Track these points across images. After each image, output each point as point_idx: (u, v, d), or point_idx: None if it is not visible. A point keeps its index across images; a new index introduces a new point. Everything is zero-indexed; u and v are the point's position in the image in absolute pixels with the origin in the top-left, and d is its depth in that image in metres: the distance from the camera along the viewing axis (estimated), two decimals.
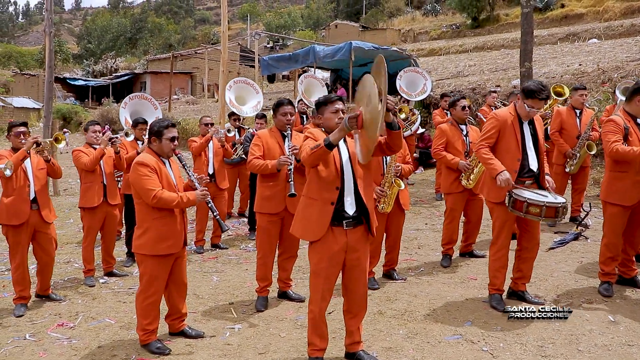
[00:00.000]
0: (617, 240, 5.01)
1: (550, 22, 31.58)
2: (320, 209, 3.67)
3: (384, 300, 5.11)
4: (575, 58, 17.03)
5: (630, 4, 28.89)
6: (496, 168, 4.53)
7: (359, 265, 3.80)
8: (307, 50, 17.73)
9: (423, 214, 8.59)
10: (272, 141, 5.12)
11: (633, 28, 23.52)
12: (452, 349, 4.07)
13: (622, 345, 4.06)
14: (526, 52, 11.11)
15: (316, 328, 3.81)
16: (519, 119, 4.68)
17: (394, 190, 5.29)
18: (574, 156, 7.17)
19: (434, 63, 22.97)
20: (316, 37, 48.97)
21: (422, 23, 42.66)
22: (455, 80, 16.44)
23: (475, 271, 5.84)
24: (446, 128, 6.21)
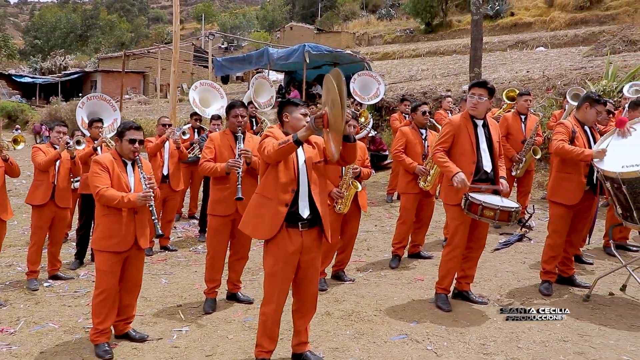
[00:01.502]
0: (560, 240, 5.22)
1: (500, 30, 32.40)
2: (274, 209, 3.67)
3: (332, 301, 5.15)
4: (524, 65, 17.54)
5: (574, 15, 29.96)
6: (452, 170, 4.66)
7: (313, 266, 3.84)
8: (260, 52, 17.68)
9: (373, 215, 8.69)
10: (224, 143, 5.10)
11: (576, 38, 24.42)
12: (398, 348, 4.14)
13: (558, 341, 4.22)
14: (476, 58, 11.40)
15: (267, 330, 3.81)
16: (473, 123, 4.81)
17: (351, 192, 5.35)
18: (520, 160, 7.39)
19: (388, 67, 23.28)
20: (271, 39, 48.84)
21: (377, 27, 43.08)
22: (408, 84, 16.68)
23: (422, 272, 5.95)
24: (407, 131, 6.36)
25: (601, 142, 5.07)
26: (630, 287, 5.26)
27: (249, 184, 4.91)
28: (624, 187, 4.65)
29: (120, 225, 4.22)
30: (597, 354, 3.99)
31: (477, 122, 4.82)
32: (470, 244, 4.94)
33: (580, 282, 5.42)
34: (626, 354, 4.00)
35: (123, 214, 4.24)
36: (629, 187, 4.61)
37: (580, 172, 5.05)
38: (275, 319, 3.81)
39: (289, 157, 3.67)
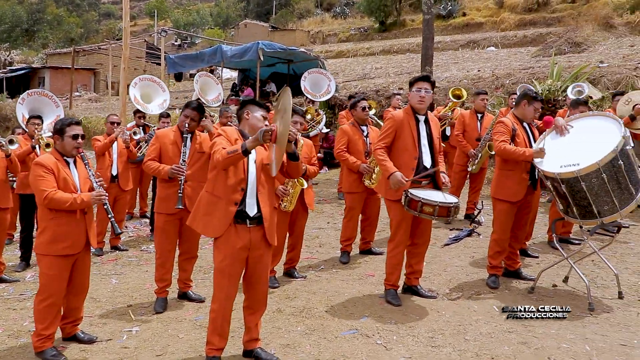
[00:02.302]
0: (505, 235, 5.37)
1: (452, 29, 32.88)
2: (224, 208, 3.69)
3: (283, 298, 5.17)
4: (475, 64, 17.90)
5: (523, 16, 30.69)
6: (389, 169, 4.70)
7: (261, 262, 3.85)
8: (214, 49, 17.51)
9: (326, 212, 8.74)
10: (170, 141, 5.05)
11: (525, 39, 25.04)
12: (348, 343, 4.19)
13: (504, 332, 4.36)
14: (427, 57, 11.58)
15: (217, 327, 3.80)
16: (415, 118, 4.86)
17: (296, 189, 5.36)
18: (476, 156, 7.58)
19: (342, 65, 23.37)
20: (225, 36, 48.39)
21: (331, 25, 43.15)
22: (362, 82, 16.79)
23: (373, 268, 6.03)
24: (347, 129, 6.35)
25: (541, 141, 5.25)
26: (572, 278, 5.47)
27: (197, 180, 4.90)
28: (563, 187, 4.82)
29: (70, 227, 4.11)
30: (539, 343, 4.14)
31: (419, 117, 4.88)
32: (415, 240, 5.03)
33: (526, 275, 5.60)
34: (566, 342, 4.17)
35: (74, 215, 4.13)
36: (568, 186, 4.78)
37: (522, 169, 5.21)
38: (225, 316, 3.82)
39: None
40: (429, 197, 4.59)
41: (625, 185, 4.70)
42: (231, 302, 3.84)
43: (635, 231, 7.48)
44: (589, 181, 4.66)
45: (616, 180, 4.66)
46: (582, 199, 4.76)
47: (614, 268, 5.34)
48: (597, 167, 4.59)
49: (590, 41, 18.87)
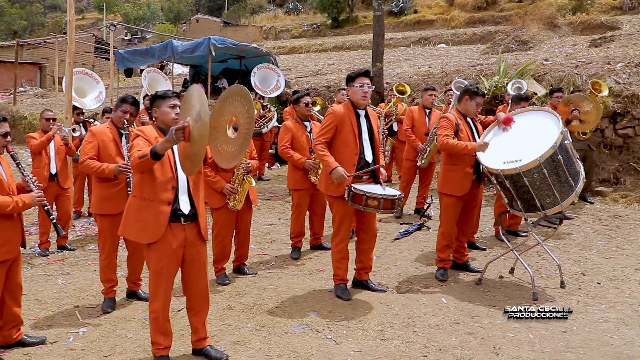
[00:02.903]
0: (452, 229, 5.47)
1: (404, 26, 33.29)
2: (156, 210, 3.58)
3: (233, 295, 5.14)
4: (426, 60, 18.16)
5: (473, 15, 31.38)
6: (330, 164, 4.69)
7: (198, 260, 3.79)
8: (164, 44, 17.19)
9: (277, 209, 8.73)
10: (109, 139, 4.88)
11: (475, 36, 25.57)
12: (298, 338, 4.19)
13: (452, 323, 4.44)
14: (378, 53, 11.66)
15: (159, 327, 3.74)
16: (355, 113, 4.87)
17: (245, 187, 5.32)
18: (425, 151, 7.68)
19: (295, 61, 23.36)
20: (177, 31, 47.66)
21: (284, 21, 43.10)
22: (314, 79, 16.83)
23: (323, 263, 6.05)
24: (291, 125, 6.31)
25: (485, 135, 5.37)
26: (518, 269, 5.62)
27: None
28: (506, 182, 4.94)
29: (9, 231, 3.95)
30: (485, 333, 4.24)
31: (360, 112, 4.88)
32: (362, 235, 5.06)
33: (473, 267, 5.72)
34: (511, 331, 4.29)
35: (11, 218, 3.96)
36: (511, 181, 4.92)
37: (466, 163, 5.31)
38: (165, 315, 3.75)
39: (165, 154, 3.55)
40: (373, 190, 4.62)
41: (565, 179, 4.87)
42: (169, 301, 3.78)
43: (577, 222, 7.76)
44: (530, 176, 4.80)
45: (556, 174, 4.82)
46: (525, 193, 4.91)
47: (557, 258, 5.51)
48: (538, 163, 4.73)
49: (536, 40, 19.41)
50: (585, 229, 7.44)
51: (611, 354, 3.92)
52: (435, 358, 3.87)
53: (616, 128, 9.44)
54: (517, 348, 4.01)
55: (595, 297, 5.04)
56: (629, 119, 9.35)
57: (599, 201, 8.88)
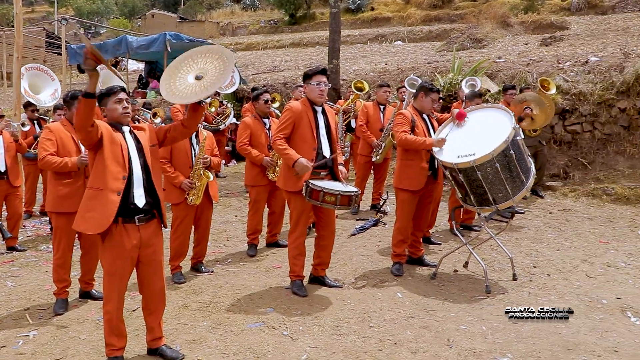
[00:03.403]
0: (408, 223, 5.54)
1: (361, 23, 33.46)
2: (105, 199, 3.49)
3: (189, 293, 5.09)
4: (383, 57, 18.29)
5: (429, 12, 31.78)
6: (292, 157, 4.72)
7: (154, 260, 3.74)
8: (118, 40, 16.84)
9: (233, 206, 8.68)
10: (66, 135, 4.79)
11: (430, 34, 25.89)
12: (255, 336, 4.18)
13: (407, 317, 4.50)
14: (334, 50, 11.69)
15: (113, 328, 3.67)
16: (313, 110, 4.91)
17: (202, 182, 5.28)
18: (379, 146, 7.75)
19: (252, 57, 23.23)
20: (131, 27, 46.79)
21: (241, 17, 42.79)
22: (271, 75, 16.77)
23: (280, 260, 6.04)
24: (250, 122, 6.30)
25: (440, 131, 5.46)
26: (471, 263, 5.73)
27: None
28: (460, 176, 5.03)
29: None
30: (439, 327, 4.30)
31: (317, 109, 4.93)
32: (321, 231, 5.08)
33: (428, 261, 5.80)
34: (464, 323, 4.36)
35: None
36: (465, 175, 5.01)
37: (422, 159, 5.39)
38: (119, 316, 3.69)
39: (116, 142, 3.53)
40: (330, 186, 4.65)
41: (517, 174, 4.99)
42: (123, 302, 3.73)
43: (529, 216, 7.96)
44: (483, 170, 4.89)
45: (508, 169, 4.94)
46: (478, 187, 5.00)
47: (509, 252, 5.64)
48: (491, 157, 4.83)
49: (490, 38, 19.79)
50: (536, 223, 7.64)
51: (559, 342, 4.04)
52: (391, 352, 3.91)
53: (565, 125, 9.72)
54: (470, 340, 4.08)
55: (545, 289, 5.18)
56: (576, 115, 9.64)
57: (550, 195, 9.13)
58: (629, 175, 9.04)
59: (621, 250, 6.42)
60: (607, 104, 9.43)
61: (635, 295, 5.01)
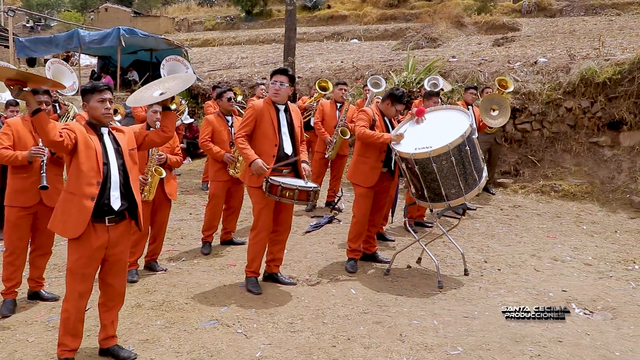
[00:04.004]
0: (364, 218, 5.62)
1: (318, 21, 33.46)
2: (79, 205, 3.48)
3: (142, 292, 5.02)
4: (339, 55, 18.35)
5: (385, 11, 32.01)
6: (250, 157, 4.78)
7: (120, 260, 3.73)
8: (70, 34, 16.39)
9: (188, 204, 8.58)
10: (24, 130, 4.68)
11: (386, 33, 26.07)
12: (208, 334, 4.16)
13: (360, 313, 4.56)
14: (289, 48, 11.70)
15: (69, 328, 3.61)
16: (275, 108, 4.95)
17: (155, 179, 5.23)
18: (332, 142, 7.81)
19: (207, 54, 22.96)
20: (84, 20, 45.62)
21: (197, 13, 42.23)
22: (227, 72, 16.65)
23: (234, 258, 6.02)
24: (213, 119, 6.33)
25: (399, 128, 5.56)
26: (425, 259, 5.83)
27: (53, 173, 4.64)
28: (416, 167, 5.12)
29: None
30: (392, 322, 4.38)
31: (279, 107, 4.99)
32: (277, 227, 5.11)
33: (382, 258, 5.88)
34: (416, 318, 4.46)
35: None
36: (421, 167, 5.10)
37: (377, 157, 5.48)
38: (79, 316, 3.64)
39: (90, 147, 3.51)
40: (289, 182, 4.70)
41: (470, 171, 5.11)
42: (85, 300, 3.67)
43: (481, 213, 8.14)
44: (439, 163, 5.01)
45: (462, 165, 5.06)
46: (433, 180, 5.10)
47: (461, 248, 5.77)
48: (447, 150, 4.96)
49: (445, 37, 20.08)
50: (488, 219, 7.82)
51: (507, 335, 4.17)
52: (344, 348, 3.95)
53: (515, 123, 9.96)
54: (422, 334, 4.17)
55: (496, 283, 5.32)
56: (526, 114, 9.90)
57: (501, 192, 9.36)
58: (575, 172, 9.33)
59: (567, 244, 6.64)
60: (554, 104, 9.71)
61: (580, 287, 5.21)
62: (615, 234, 7.20)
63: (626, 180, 8.85)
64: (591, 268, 5.81)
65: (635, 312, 4.68)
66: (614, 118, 9.22)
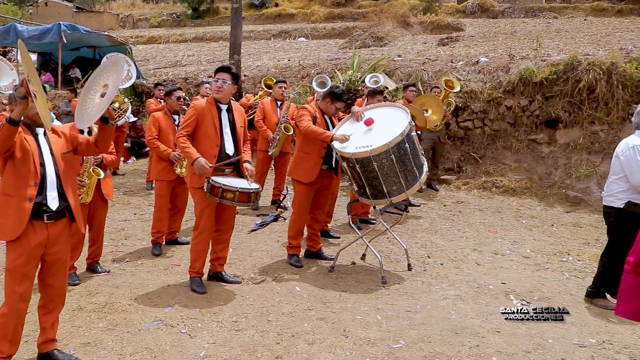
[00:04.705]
0: (304, 215, 5.67)
1: (265, 19, 33.36)
2: (18, 207, 3.40)
3: (84, 294, 4.90)
4: (286, 54, 18.34)
5: (332, 10, 32.21)
6: (192, 156, 4.74)
7: (60, 259, 3.64)
8: (6, 28, 15.80)
9: (132, 204, 8.43)
10: None
11: (334, 31, 26.23)
12: (152, 335, 4.11)
13: (305, 310, 4.59)
14: (235, 46, 11.62)
15: (8, 333, 3.49)
16: (217, 107, 4.92)
17: (92, 180, 5.09)
18: (275, 139, 7.82)
19: (153, 51, 22.57)
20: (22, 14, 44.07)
21: (142, 9, 41.37)
22: (173, 70, 16.42)
23: (179, 258, 5.95)
24: (160, 116, 6.24)
25: (340, 126, 5.61)
26: (369, 255, 5.90)
27: None
28: (357, 166, 5.18)
29: None
30: (336, 318, 4.42)
31: (222, 106, 4.96)
32: (220, 226, 5.09)
33: (327, 255, 5.93)
34: (360, 314, 4.52)
35: None
36: (362, 165, 5.16)
37: (318, 153, 5.54)
38: (20, 320, 3.53)
39: (26, 149, 3.43)
40: (231, 183, 4.67)
41: (411, 168, 5.21)
42: (26, 303, 3.56)
43: (424, 209, 8.31)
44: (379, 161, 5.08)
45: (403, 162, 5.15)
46: (374, 179, 5.18)
47: (404, 243, 5.89)
48: (387, 148, 5.03)
49: (391, 37, 20.35)
50: (431, 215, 7.99)
51: (448, 327, 4.28)
52: (288, 344, 3.98)
53: (458, 121, 10.21)
54: (365, 329, 4.23)
55: (438, 277, 5.45)
56: (468, 112, 10.15)
57: (444, 188, 9.57)
58: (515, 168, 9.63)
59: (507, 238, 6.86)
60: (495, 102, 9.99)
61: (518, 279, 5.39)
62: (552, 227, 7.49)
63: (562, 175, 9.20)
64: (529, 260, 6.03)
65: (568, 300, 4.89)
66: (550, 116, 9.56)
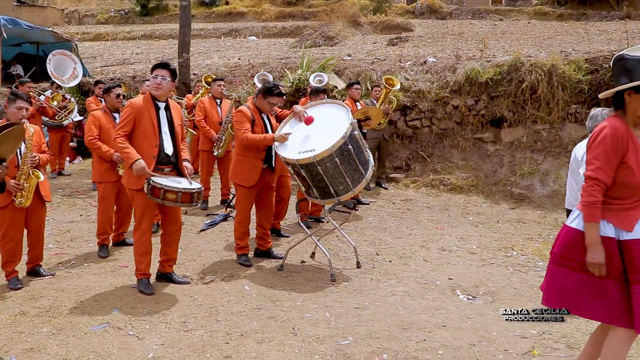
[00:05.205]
0: (247, 216, 5.69)
1: (215, 17, 33.02)
2: None
3: (27, 299, 4.77)
4: (236, 52, 18.22)
5: (283, 9, 32.19)
6: (131, 157, 4.63)
7: None
8: None
9: (78, 205, 8.23)
10: None
11: (284, 30, 26.19)
12: (99, 338, 4.05)
13: (254, 309, 4.60)
14: (184, 44, 11.51)
15: None
16: (155, 105, 4.84)
17: (32, 183, 4.92)
18: (220, 140, 7.77)
19: (100, 48, 22.04)
20: None
21: (89, 5, 40.30)
22: (121, 68, 16.09)
23: (127, 259, 5.84)
24: (100, 115, 6.10)
25: (282, 127, 5.62)
26: (318, 253, 5.95)
27: None
28: (302, 171, 5.21)
29: None
30: (285, 316, 4.46)
31: (160, 104, 4.88)
32: (168, 228, 5.05)
33: (276, 254, 5.94)
34: (309, 312, 4.56)
35: None
36: (306, 170, 5.19)
37: (256, 156, 5.55)
38: None
39: None
40: (172, 184, 4.62)
41: (356, 167, 5.26)
42: None
43: (373, 207, 8.42)
44: (324, 165, 5.11)
45: (348, 162, 5.19)
46: (320, 181, 5.22)
47: (353, 241, 5.96)
48: (330, 153, 5.05)
49: (341, 36, 20.47)
50: (380, 213, 8.11)
51: (396, 323, 4.36)
52: (237, 344, 3.98)
53: (406, 120, 10.38)
54: (314, 327, 4.27)
55: (387, 274, 5.54)
56: (416, 112, 10.33)
57: (393, 187, 9.72)
58: (462, 166, 9.87)
59: (454, 235, 7.03)
60: (442, 102, 10.21)
61: (464, 275, 5.54)
62: (497, 223, 7.71)
63: (507, 173, 9.49)
64: (475, 256, 6.19)
65: (511, 294, 5.06)
66: (495, 115, 9.85)
